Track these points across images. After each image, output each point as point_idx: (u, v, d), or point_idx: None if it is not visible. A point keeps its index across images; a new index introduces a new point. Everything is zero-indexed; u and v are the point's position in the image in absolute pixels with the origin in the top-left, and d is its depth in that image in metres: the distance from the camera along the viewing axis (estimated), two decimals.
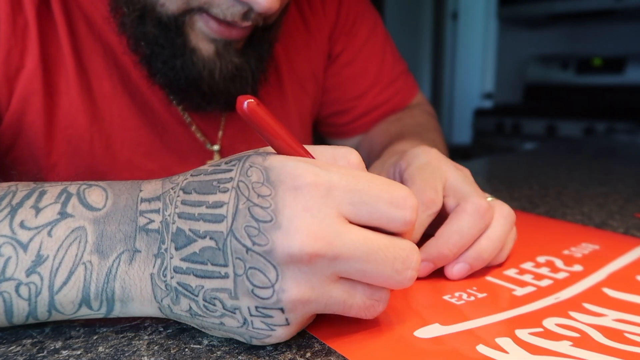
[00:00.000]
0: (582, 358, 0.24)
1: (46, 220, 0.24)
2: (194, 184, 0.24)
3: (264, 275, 0.22)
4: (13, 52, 0.40)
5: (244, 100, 0.23)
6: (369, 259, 0.23)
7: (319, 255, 0.22)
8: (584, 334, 0.27)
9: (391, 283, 0.24)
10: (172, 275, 0.23)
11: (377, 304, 0.25)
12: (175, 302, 0.24)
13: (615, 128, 1.85)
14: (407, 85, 0.66)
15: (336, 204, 0.22)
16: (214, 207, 0.23)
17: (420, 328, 0.27)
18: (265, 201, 0.22)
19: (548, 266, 0.36)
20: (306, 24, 0.59)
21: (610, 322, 0.28)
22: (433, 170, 0.34)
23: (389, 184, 0.24)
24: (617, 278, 0.34)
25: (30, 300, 0.24)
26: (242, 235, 0.22)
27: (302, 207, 0.22)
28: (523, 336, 0.26)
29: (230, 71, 0.43)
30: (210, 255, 0.23)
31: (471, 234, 0.32)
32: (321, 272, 0.22)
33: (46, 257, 0.24)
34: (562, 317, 0.29)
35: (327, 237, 0.22)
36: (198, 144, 0.50)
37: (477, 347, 0.25)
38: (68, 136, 0.43)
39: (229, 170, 0.24)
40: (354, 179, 0.23)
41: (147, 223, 0.24)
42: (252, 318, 0.23)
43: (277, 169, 0.23)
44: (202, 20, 0.40)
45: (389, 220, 0.23)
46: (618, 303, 0.31)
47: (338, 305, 0.24)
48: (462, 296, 0.31)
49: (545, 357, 0.24)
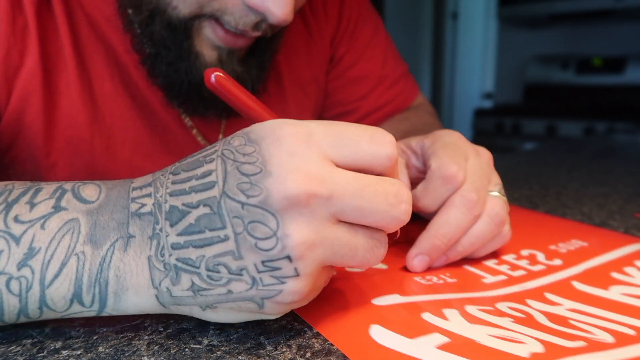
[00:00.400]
0: (517, 331, 0.25)
1: (40, 213, 0.24)
2: (182, 166, 0.24)
3: (265, 225, 0.22)
4: (12, 51, 0.40)
5: (212, 72, 0.23)
6: (362, 194, 0.23)
7: (315, 194, 0.22)
8: (529, 315, 0.28)
9: (388, 219, 0.24)
10: (170, 253, 0.23)
11: (379, 245, 0.25)
12: (176, 282, 0.23)
13: (615, 128, 1.85)
14: (409, 86, 0.67)
15: (319, 147, 0.23)
16: (202, 177, 0.23)
17: (378, 297, 0.29)
18: (252, 157, 0.22)
19: (528, 259, 0.37)
20: (308, 28, 0.59)
21: (563, 310, 0.29)
22: (457, 149, 0.35)
23: (364, 126, 0.25)
24: (592, 273, 0.34)
25: (21, 296, 0.24)
26: (235, 192, 0.22)
27: (288, 152, 0.22)
28: (471, 310, 0.27)
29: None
30: (206, 222, 0.22)
31: (459, 225, 0.33)
32: (320, 214, 0.22)
33: (38, 249, 0.23)
34: (517, 303, 0.29)
35: (318, 176, 0.22)
36: (199, 146, 0.50)
37: (422, 314, 0.27)
38: (67, 136, 0.43)
39: (212, 147, 0.24)
40: (331, 125, 0.24)
41: (140, 207, 0.24)
42: (260, 275, 0.22)
43: (256, 129, 0.23)
44: (210, 26, 0.40)
45: (373, 158, 0.24)
46: (580, 295, 0.31)
47: (344, 247, 0.23)
48: (432, 279, 0.33)
49: (482, 326, 0.26)
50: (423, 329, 0.25)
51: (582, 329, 0.26)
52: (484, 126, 2.31)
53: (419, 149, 0.37)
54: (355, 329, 0.26)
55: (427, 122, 0.60)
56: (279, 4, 0.36)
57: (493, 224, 0.33)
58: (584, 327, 0.27)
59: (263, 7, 0.37)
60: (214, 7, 0.38)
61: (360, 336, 0.25)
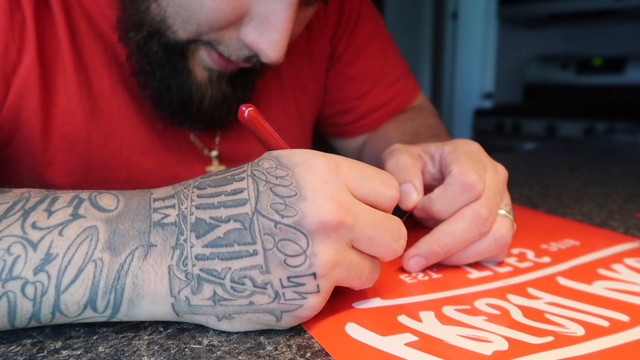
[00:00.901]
0: (487, 329, 0.26)
1: (58, 221, 0.24)
2: (207, 182, 0.26)
3: (296, 244, 0.24)
4: (10, 48, 0.40)
5: (246, 108, 0.26)
6: (375, 226, 0.26)
7: (343, 222, 0.24)
8: (505, 311, 0.28)
9: (388, 251, 0.27)
10: (193, 264, 0.24)
11: (377, 270, 0.28)
12: (197, 291, 0.24)
13: (615, 128, 1.85)
14: (409, 86, 0.66)
15: (344, 179, 0.26)
16: (233, 194, 0.24)
17: (360, 301, 0.30)
18: (285, 180, 0.25)
19: (518, 256, 0.37)
20: (308, 26, 0.59)
21: (541, 304, 0.29)
22: (479, 160, 0.35)
23: (376, 168, 0.28)
24: (579, 270, 0.35)
25: (35, 301, 0.24)
26: (268, 212, 0.24)
27: (320, 180, 0.25)
28: (447, 311, 0.28)
29: (219, 99, 0.45)
30: (236, 237, 0.24)
31: (463, 238, 0.33)
32: (343, 239, 0.25)
33: (55, 255, 0.23)
34: (497, 299, 0.30)
35: (346, 205, 0.25)
36: (195, 146, 0.51)
37: (398, 316, 0.28)
38: (65, 133, 0.43)
39: (240, 167, 0.26)
40: (353, 162, 0.27)
41: (162, 218, 0.25)
42: (283, 290, 0.24)
43: (286, 155, 0.26)
44: (205, 50, 0.41)
45: (382, 197, 0.27)
46: (562, 289, 0.31)
47: (356, 269, 0.26)
48: (417, 276, 0.34)
49: (453, 326, 0.27)
50: (396, 328, 0.27)
51: (555, 323, 0.27)
52: (484, 126, 2.31)
53: (437, 155, 0.37)
54: (332, 326, 0.27)
55: (432, 124, 0.60)
56: (273, 47, 0.38)
57: (496, 245, 0.34)
58: (557, 321, 0.27)
59: (258, 47, 0.38)
60: (211, 37, 0.39)
61: (336, 331, 0.26)
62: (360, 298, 0.30)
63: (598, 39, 2.39)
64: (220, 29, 0.39)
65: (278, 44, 0.38)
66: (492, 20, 2.54)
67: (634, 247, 0.39)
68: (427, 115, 0.64)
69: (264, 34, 0.38)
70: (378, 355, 0.24)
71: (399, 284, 0.32)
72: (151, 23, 0.39)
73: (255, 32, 0.38)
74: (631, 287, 0.32)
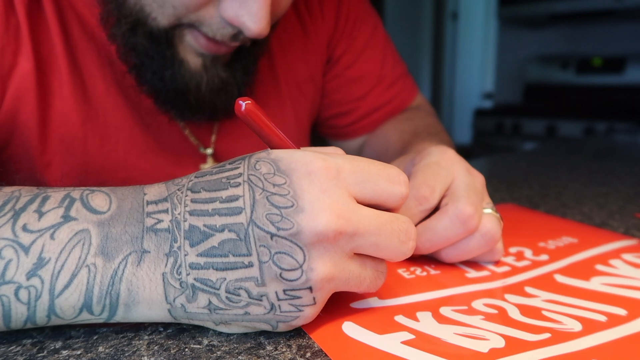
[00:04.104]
0: (483, 328, 0.26)
1: (49, 223, 0.24)
2: (201, 184, 0.25)
3: (292, 258, 0.23)
4: (6, 51, 0.40)
5: (242, 101, 0.24)
6: (379, 232, 0.25)
7: (342, 232, 0.23)
8: (502, 310, 0.28)
9: (396, 254, 0.26)
10: (187, 272, 0.23)
11: (381, 276, 0.27)
12: (192, 300, 0.24)
13: (615, 128, 1.85)
14: (408, 87, 0.67)
15: (345, 184, 0.24)
16: (228, 201, 0.24)
17: (358, 301, 0.29)
18: (282, 189, 0.23)
19: (515, 255, 0.37)
20: (304, 28, 0.59)
21: (538, 302, 0.29)
22: (438, 170, 0.35)
23: (382, 164, 0.26)
24: (576, 267, 0.35)
25: (30, 305, 0.23)
26: (264, 223, 0.23)
27: (319, 189, 0.23)
28: (444, 312, 0.28)
29: (217, 84, 0.44)
30: (231, 247, 0.23)
31: (445, 235, 0.33)
32: (342, 249, 0.24)
33: (48, 259, 0.23)
34: (494, 299, 0.30)
35: (345, 215, 0.24)
36: (191, 147, 0.51)
37: (396, 316, 0.28)
38: (61, 135, 0.43)
39: (235, 168, 0.25)
40: (356, 161, 0.25)
41: (156, 223, 0.24)
42: (279, 302, 0.24)
43: (286, 159, 0.24)
44: (191, 34, 0.41)
45: (389, 196, 0.26)
46: (559, 287, 0.32)
47: (355, 280, 0.25)
48: (415, 271, 0.34)
49: (450, 325, 0.27)
50: (393, 327, 0.27)
51: (552, 319, 0.27)
52: (484, 126, 2.31)
53: (408, 169, 0.38)
54: (329, 325, 0.27)
55: (430, 123, 0.60)
56: (254, 19, 0.37)
57: (483, 241, 0.34)
58: (554, 317, 0.27)
59: (238, 21, 0.37)
60: (191, 18, 0.39)
61: (333, 330, 0.26)
62: (358, 298, 0.30)
63: (598, 39, 2.39)
64: (197, 9, 0.38)
65: (258, 14, 0.37)
66: (492, 20, 2.54)
67: (632, 244, 0.39)
68: (425, 115, 0.64)
69: (243, 6, 0.37)
70: (375, 353, 0.24)
71: (397, 280, 0.32)
72: (130, 14, 0.39)
73: (233, 5, 0.37)
74: (629, 282, 0.32)
